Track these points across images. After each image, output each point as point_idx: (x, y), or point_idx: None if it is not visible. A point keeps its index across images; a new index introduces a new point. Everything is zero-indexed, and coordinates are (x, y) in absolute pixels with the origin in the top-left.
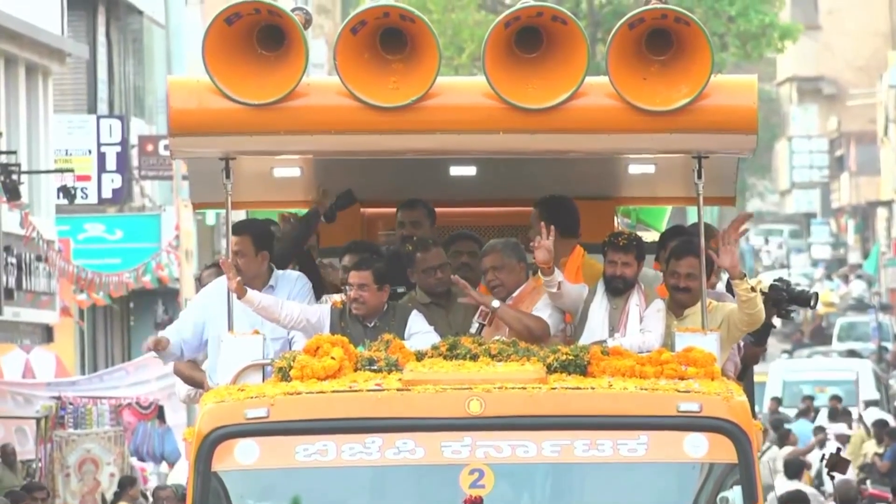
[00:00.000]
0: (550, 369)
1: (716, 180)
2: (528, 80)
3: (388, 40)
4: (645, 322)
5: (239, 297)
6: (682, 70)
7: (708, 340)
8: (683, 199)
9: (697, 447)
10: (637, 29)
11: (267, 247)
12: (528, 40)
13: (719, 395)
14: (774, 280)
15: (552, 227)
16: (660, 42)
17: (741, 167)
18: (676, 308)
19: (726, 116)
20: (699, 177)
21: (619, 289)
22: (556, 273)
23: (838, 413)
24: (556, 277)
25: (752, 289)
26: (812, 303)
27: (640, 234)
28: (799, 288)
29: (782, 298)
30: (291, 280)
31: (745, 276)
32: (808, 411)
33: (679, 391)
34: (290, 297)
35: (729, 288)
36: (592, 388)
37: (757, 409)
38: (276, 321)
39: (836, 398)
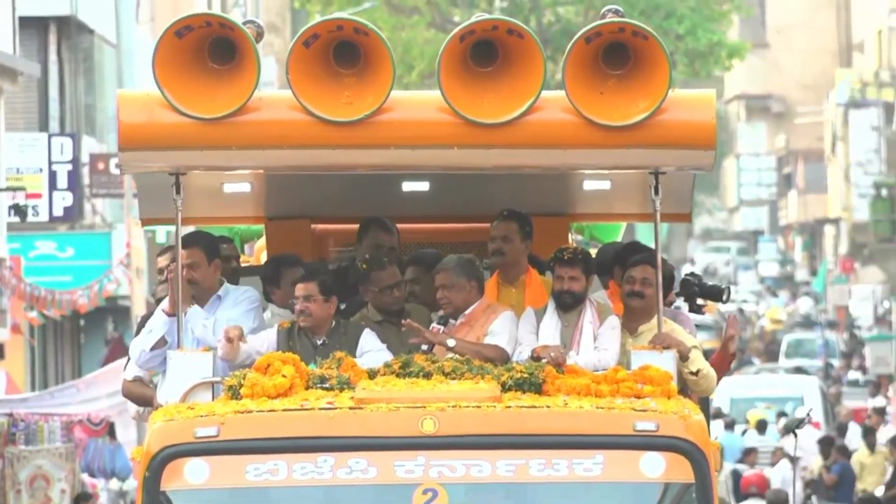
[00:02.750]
0: (505, 387)
1: (672, 196)
2: (484, 95)
3: (342, 54)
4: (600, 340)
5: (228, 359)
6: (640, 84)
7: (664, 359)
8: (639, 215)
9: (654, 467)
10: (594, 43)
11: (217, 256)
12: (484, 54)
13: (676, 415)
14: (686, 274)
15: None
16: (617, 56)
17: None
18: (631, 324)
19: (684, 131)
20: (656, 193)
21: (568, 303)
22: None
23: (766, 427)
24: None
25: (695, 372)
26: (724, 297)
27: (593, 250)
28: (711, 283)
29: (694, 293)
30: (239, 291)
31: (688, 357)
32: (732, 424)
33: (636, 410)
34: (237, 306)
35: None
36: (548, 407)
37: None
38: (233, 361)
39: (782, 415)
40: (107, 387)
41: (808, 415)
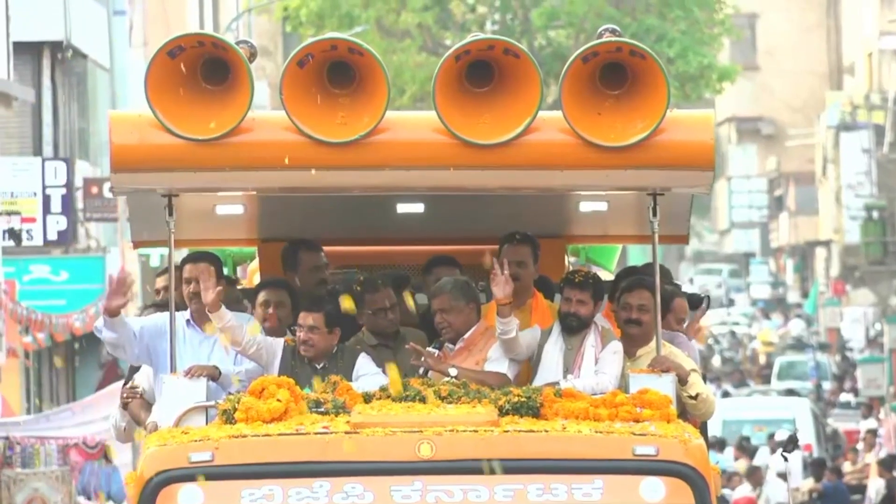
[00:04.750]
0: (502, 412)
1: (669, 218)
2: (480, 115)
3: (336, 74)
4: (600, 364)
5: (212, 311)
6: (638, 105)
7: (663, 382)
8: (636, 237)
9: (654, 491)
10: (591, 62)
11: (222, 278)
12: (480, 74)
13: (676, 439)
14: (665, 285)
15: (506, 262)
16: (615, 76)
17: None
18: (629, 347)
19: (683, 152)
20: (654, 214)
21: (572, 326)
22: (512, 319)
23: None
24: (513, 323)
25: (694, 396)
26: (704, 305)
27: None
28: (690, 291)
29: None
30: (243, 319)
31: (687, 381)
32: (716, 445)
33: (635, 434)
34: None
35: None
36: (546, 431)
37: None
38: (238, 344)
39: (772, 436)
40: (102, 410)
41: (794, 433)
